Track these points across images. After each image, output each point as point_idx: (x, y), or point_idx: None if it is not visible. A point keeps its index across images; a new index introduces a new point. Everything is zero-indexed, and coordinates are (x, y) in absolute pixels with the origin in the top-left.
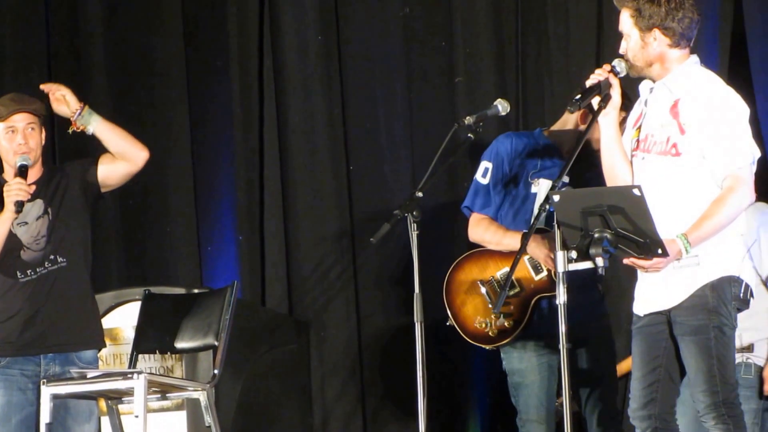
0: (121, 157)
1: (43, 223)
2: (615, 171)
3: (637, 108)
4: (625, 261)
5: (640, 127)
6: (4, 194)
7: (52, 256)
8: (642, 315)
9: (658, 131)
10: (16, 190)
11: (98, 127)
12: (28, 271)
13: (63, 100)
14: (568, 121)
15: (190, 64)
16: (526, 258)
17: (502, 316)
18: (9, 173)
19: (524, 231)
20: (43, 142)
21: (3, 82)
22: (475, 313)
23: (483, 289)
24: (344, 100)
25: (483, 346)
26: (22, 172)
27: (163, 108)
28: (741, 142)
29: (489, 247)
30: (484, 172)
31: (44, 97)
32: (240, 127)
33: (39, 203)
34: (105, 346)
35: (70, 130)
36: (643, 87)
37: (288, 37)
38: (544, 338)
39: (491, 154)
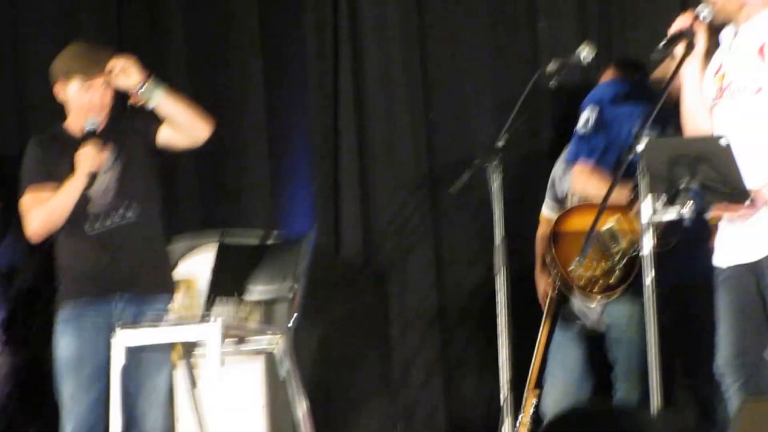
0: (182, 133)
1: (112, 175)
2: (696, 121)
3: (717, 56)
4: (715, 211)
5: (722, 75)
6: (77, 161)
7: (120, 210)
8: (725, 267)
9: (744, 75)
10: (91, 160)
11: (161, 102)
12: (96, 225)
13: (126, 72)
14: (670, 68)
15: (263, 6)
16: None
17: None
18: (75, 126)
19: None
20: (111, 93)
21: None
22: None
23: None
24: (423, 44)
25: (587, 301)
26: (91, 137)
27: (237, 52)
28: None
29: (592, 199)
30: (585, 122)
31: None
32: (315, 72)
33: (107, 155)
34: (176, 295)
35: (129, 104)
36: (726, 34)
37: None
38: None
39: (592, 102)
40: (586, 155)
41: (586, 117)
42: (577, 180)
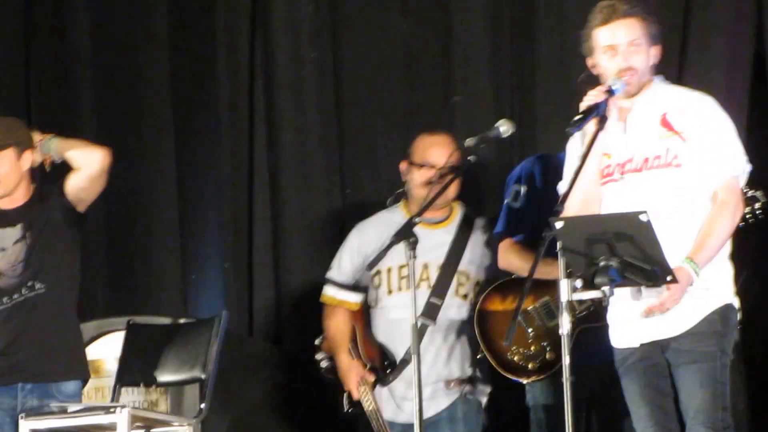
0: (83, 166)
1: (21, 248)
2: (594, 199)
3: (602, 133)
4: (646, 311)
5: (613, 152)
6: None
7: (30, 283)
8: (637, 346)
9: (653, 147)
10: None
11: (59, 148)
12: (4, 299)
13: None
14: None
15: (176, 77)
16: None
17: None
18: None
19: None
20: (24, 166)
21: None
22: (512, 344)
23: (520, 320)
24: (339, 117)
25: (520, 379)
26: None
27: (148, 133)
28: (736, 150)
29: (520, 275)
30: (515, 196)
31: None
32: (228, 153)
33: (18, 228)
34: (89, 376)
35: (47, 168)
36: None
37: (281, 60)
38: (582, 372)
39: (522, 176)
40: (513, 229)
41: (517, 190)
42: (502, 256)
